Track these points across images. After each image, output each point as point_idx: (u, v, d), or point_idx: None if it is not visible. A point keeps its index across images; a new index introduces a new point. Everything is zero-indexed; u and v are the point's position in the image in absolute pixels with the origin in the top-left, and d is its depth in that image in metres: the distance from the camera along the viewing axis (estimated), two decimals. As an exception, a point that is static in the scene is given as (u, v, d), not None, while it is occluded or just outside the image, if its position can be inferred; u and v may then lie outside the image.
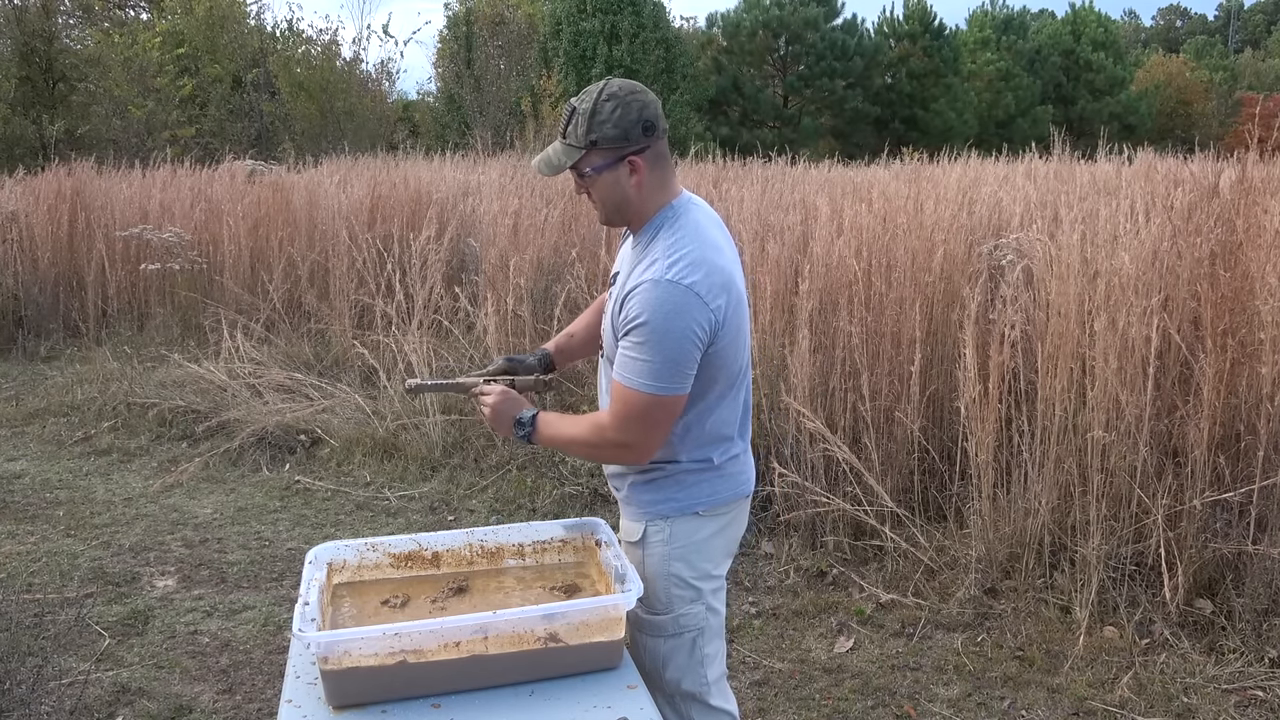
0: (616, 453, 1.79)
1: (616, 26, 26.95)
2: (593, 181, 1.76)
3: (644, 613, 1.82)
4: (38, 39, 16.70)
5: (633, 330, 1.69)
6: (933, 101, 30.02)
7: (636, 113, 1.73)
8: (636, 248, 1.82)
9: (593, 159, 1.74)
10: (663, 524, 1.82)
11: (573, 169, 1.76)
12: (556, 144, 1.78)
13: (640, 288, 1.69)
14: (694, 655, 1.85)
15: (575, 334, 2.13)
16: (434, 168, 9.73)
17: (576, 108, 1.75)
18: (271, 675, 2.96)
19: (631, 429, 1.72)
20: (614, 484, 1.94)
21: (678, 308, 1.66)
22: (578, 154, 1.74)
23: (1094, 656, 2.95)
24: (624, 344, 1.71)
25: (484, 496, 4.44)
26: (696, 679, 1.86)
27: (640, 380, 1.68)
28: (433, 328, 5.57)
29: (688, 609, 1.83)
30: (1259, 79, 43.44)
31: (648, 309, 1.67)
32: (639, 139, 1.73)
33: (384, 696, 1.48)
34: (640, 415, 1.71)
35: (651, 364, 1.67)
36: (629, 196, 1.77)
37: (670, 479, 1.82)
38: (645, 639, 1.84)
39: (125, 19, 20.48)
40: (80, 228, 7.90)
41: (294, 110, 18.04)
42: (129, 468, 4.93)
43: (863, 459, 3.62)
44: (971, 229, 4.53)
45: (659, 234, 1.77)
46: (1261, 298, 3.09)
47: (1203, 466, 3.10)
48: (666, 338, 1.66)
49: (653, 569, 1.82)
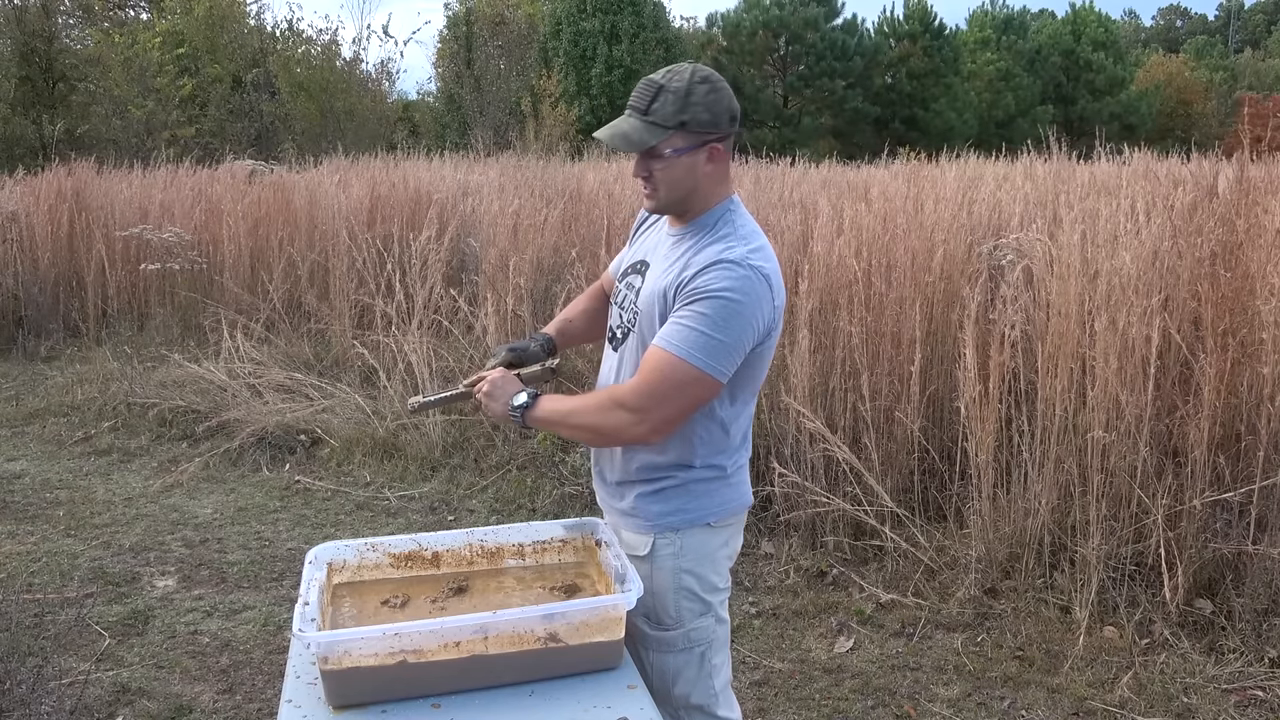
0: (621, 421, 1.66)
1: (616, 26, 26.96)
2: (669, 164, 1.69)
3: (651, 628, 1.78)
4: (38, 39, 16.71)
5: (703, 300, 1.62)
6: (933, 101, 30.03)
7: (728, 100, 1.69)
8: (679, 238, 1.76)
9: (676, 140, 1.67)
10: (673, 536, 1.76)
11: (649, 150, 1.68)
12: (633, 120, 1.68)
13: (719, 264, 1.63)
14: (703, 668, 1.81)
15: (573, 320, 2.05)
16: (434, 168, 9.73)
17: (665, 85, 1.66)
18: (271, 675, 2.96)
19: (655, 398, 1.64)
20: (612, 497, 1.85)
21: (753, 293, 1.63)
22: (663, 133, 1.66)
23: (1094, 656, 2.95)
24: (684, 312, 1.63)
25: (484, 496, 4.44)
26: (705, 691, 1.83)
27: (691, 351, 1.61)
28: (433, 328, 5.57)
29: (697, 622, 1.79)
30: (1259, 79, 43.42)
31: (725, 284, 1.62)
32: (726, 127, 1.70)
33: (384, 696, 1.48)
34: (674, 387, 1.63)
35: (710, 339, 1.61)
36: (699, 185, 1.72)
37: (681, 489, 1.76)
38: (652, 655, 1.79)
39: (125, 19, 20.48)
40: (80, 228, 7.90)
41: (294, 110, 18.05)
42: (129, 468, 4.93)
43: (863, 459, 3.62)
44: (971, 229, 4.53)
45: (720, 224, 1.73)
46: (1262, 297, 3.09)
47: (1203, 466, 3.10)
48: (735, 318, 1.62)
49: (661, 583, 1.76)
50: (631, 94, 1.72)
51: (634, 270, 1.84)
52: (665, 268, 1.73)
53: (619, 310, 1.85)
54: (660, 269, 1.75)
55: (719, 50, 30.40)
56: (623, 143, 1.68)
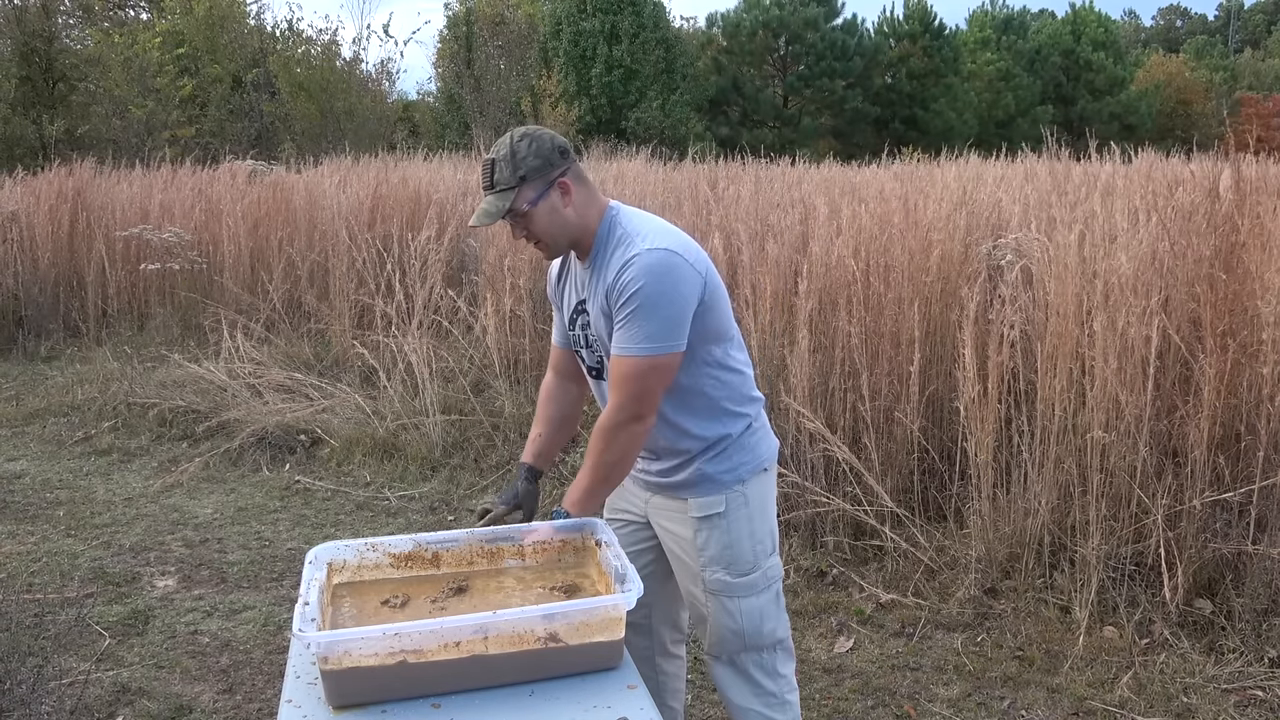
0: (632, 431, 1.84)
1: (616, 26, 26.97)
2: (531, 217, 1.85)
3: (734, 576, 1.94)
4: (38, 39, 16.69)
5: (628, 299, 1.80)
6: (933, 101, 30.03)
7: (549, 141, 1.86)
8: (591, 267, 1.91)
9: (526, 194, 1.83)
10: (740, 488, 1.94)
11: (509, 212, 1.84)
12: (487, 197, 1.85)
13: (630, 262, 1.80)
14: (779, 601, 2.03)
15: (542, 434, 2.12)
16: (433, 168, 9.73)
17: (495, 158, 1.84)
18: (271, 675, 2.96)
19: (635, 397, 1.82)
20: (666, 477, 1.98)
21: (668, 269, 1.80)
22: (511, 194, 1.83)
23: (1094, 656, 2.95)
24: (619, 318, 1.81)
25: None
26: (784, 623, 2.04)
27: (638, 345, 1.80)
28: (432, 328, 5.58)
29: (770, 560, 1.99)
30: (1259, 79, 43.43)
31: (640, 275, 1.79)
32: (559, 162, 1.86)
33: (384, 696, 1.48)
34: (641, 379, 1.81)
35: (647, 327, 1.79)
36: (569, 219, 1.87)
37: (736, 443, 1.95)
38: (739, 602, 1.96)
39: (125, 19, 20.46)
40: (80, 228, 7.90)
41: (294, 110, 18.03)
42: (129, 468, 4.94)
43: (862, 459, 3.62)
44: (970, 229, 4.52)
45: (609, 236, 1.88)
46: (1261, 298, 3.09)
47: (1203, 466, 3.10)
48: (661, 299, 1.79)
49: (738, 533, 1.94)
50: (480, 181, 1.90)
51: (579, 312, 1.99)
52: (593, 295, 1.91)
53: (587, 351, 2.00)
54: (593, 299, 1.92)
55: (719, 50, 30.41)
56: (483, 218, 1.85)
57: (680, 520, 1.98)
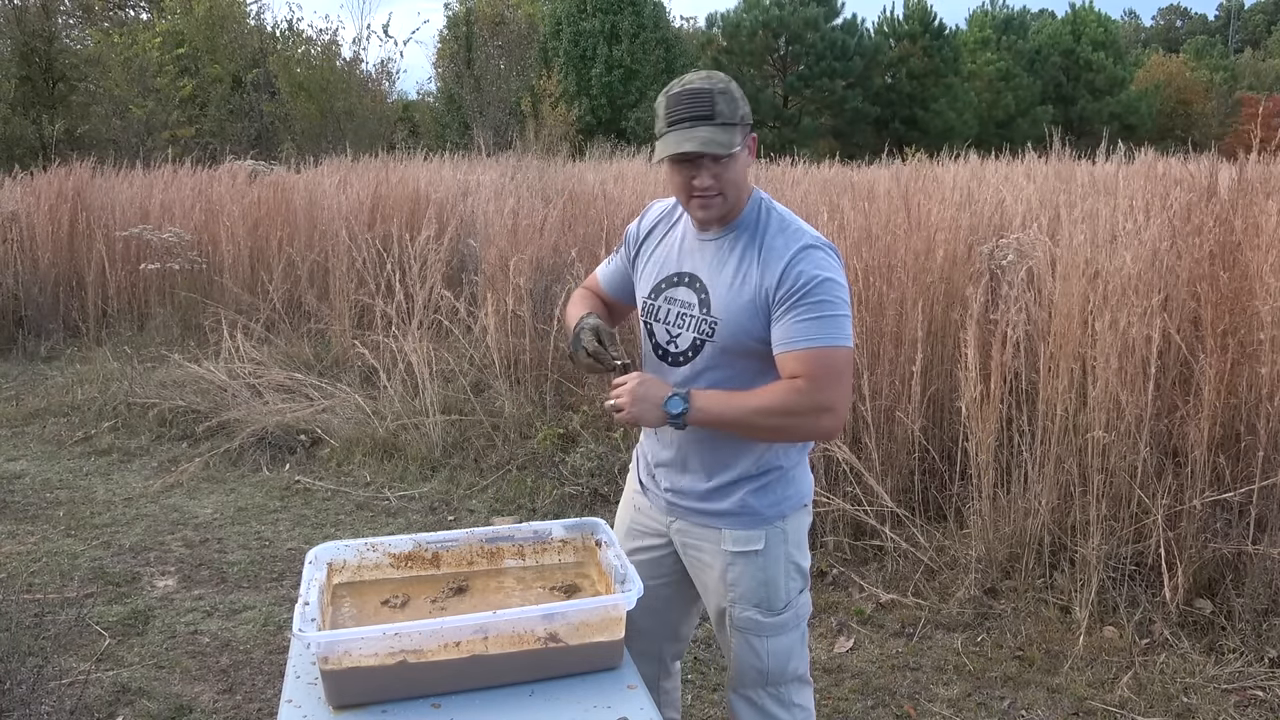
0: (817, 419, 1.67)
1: (616, 26, 26.99)
2: (732, 165, 1.68)
3: (765, 616, 1.83)
4: (38, 39, 16.70)
5: (815, 288, 1.66)
6: (933, 101, 30.03)
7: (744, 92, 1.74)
8: (726, 241, 1.76)
9: (741, 134, 1.69)
10: (781, 524, 1.83)
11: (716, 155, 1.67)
12: (708, 128, 1.64)
13: (805, 251, 1.69)
14: (804, 639, 1.92)
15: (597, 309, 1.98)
16: (433, 168, 9.73)
17: (710, 89, 1.65)
18: (271, 675, 2.96)
19: (837, 389, 1.67)
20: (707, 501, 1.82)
21: (839, 268, 1.71)
22: (736, 130, 1.67)
23: (1094, 656, 2.95)
24: (803, 308, 1.66)
25: (484, 496, 4.44)
26: (806, 658, 1.93)
27: (840, 337, 1.66)
28: (433, 328, 5.58)
29: (800, 598, 1.88)
30: (1259, 79, 43.45)
31: (824, 268, 1.67)
32: (750, 115, 1.74)
33: (384, 696, 1.48)
34: (841, 373, 1.68)
35: (842, 319, 1.67)
36: (745, 180, 1.74)
37: (784, 476, 1.82)
38: (766, 642, 1.85)
39: (125, 19, 20.47)
40: (80, 228, 7.90)
41: (294, 110, 18.03)
42: (129, 468, 4.93)
43: (863, 459, 3.62)
44: (972, 229, 4.52)
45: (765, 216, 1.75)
46: (1261, 298, 3.09)
47: (1203, 466, 3.10)
48: (842, 291, 1.69)
49: (774, 571, 1.83)
50: (673, 109, 1.68)
51: (677, 282, 1.81)
52: (734, 273, 1.73)
53: (666, 327, 1.81)
54: (728, 277, 1.74)
55: (719, 50, 30.40)
56: (717, 146, 1.64)
57: (710, 551, 1.85)
